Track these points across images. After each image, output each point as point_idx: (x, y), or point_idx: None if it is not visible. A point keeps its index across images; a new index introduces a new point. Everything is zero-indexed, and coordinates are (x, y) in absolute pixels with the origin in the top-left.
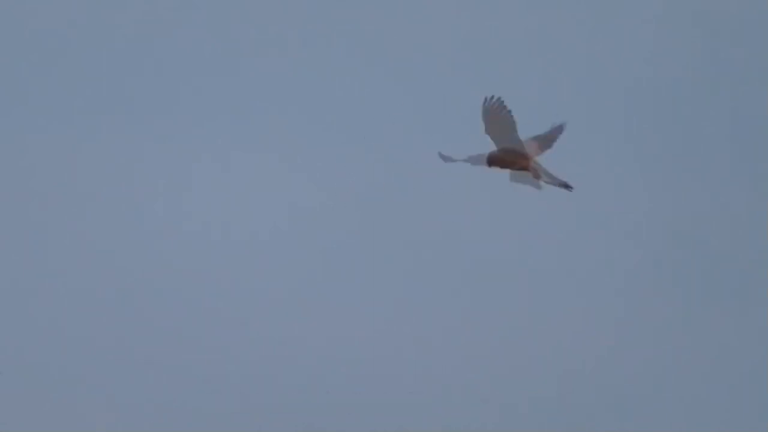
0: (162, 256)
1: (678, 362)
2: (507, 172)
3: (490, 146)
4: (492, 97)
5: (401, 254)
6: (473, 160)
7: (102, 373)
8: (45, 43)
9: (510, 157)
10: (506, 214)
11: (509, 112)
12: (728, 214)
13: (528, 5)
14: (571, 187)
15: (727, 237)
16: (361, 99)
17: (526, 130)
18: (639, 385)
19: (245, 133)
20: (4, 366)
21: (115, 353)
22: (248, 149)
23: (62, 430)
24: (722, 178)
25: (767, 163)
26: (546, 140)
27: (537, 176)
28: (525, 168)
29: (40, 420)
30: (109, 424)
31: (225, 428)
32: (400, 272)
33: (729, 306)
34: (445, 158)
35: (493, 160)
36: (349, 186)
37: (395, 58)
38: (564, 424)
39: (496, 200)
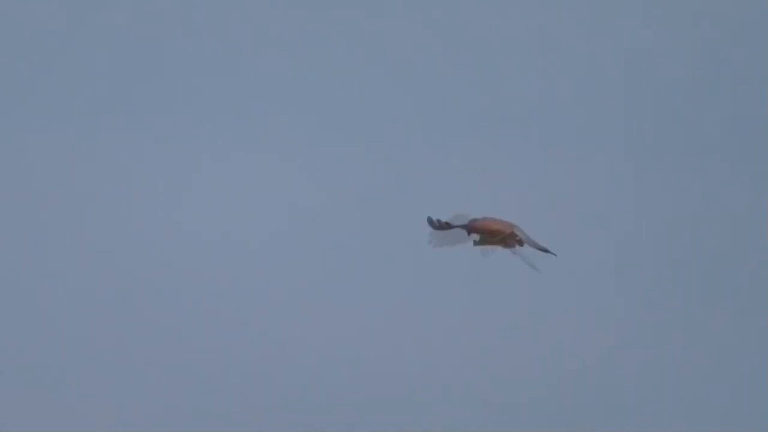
0: (162, 256)
1: (678, 362)
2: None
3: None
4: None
5: (401, 254)
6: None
7: (102, 373)
8: (45, 43)
9: (494, 228)
10: (506, 213)
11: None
12: (728, 214)
13: (528, 5)
14: (554, 253)
15: (727, 237)
16: (361, 99)
17: (526, 130)
18: (639, 385)
19: (245, 133)
20: (4, 366)
21: (115, 353)
22: (248, 149)
23: (62, 430)
24: (722, 178)
25: (767, 163)
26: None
27: (519, 244)
28: (505, 239)
29: (40, 420)
30: (109, 424)
31: (225, 428)
32: (400, 272)
33: (729, 306)
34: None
35: (475, 229)
36: (349, 186)
37: (395, 58)
38: (564, 424)
39: (495, 200)
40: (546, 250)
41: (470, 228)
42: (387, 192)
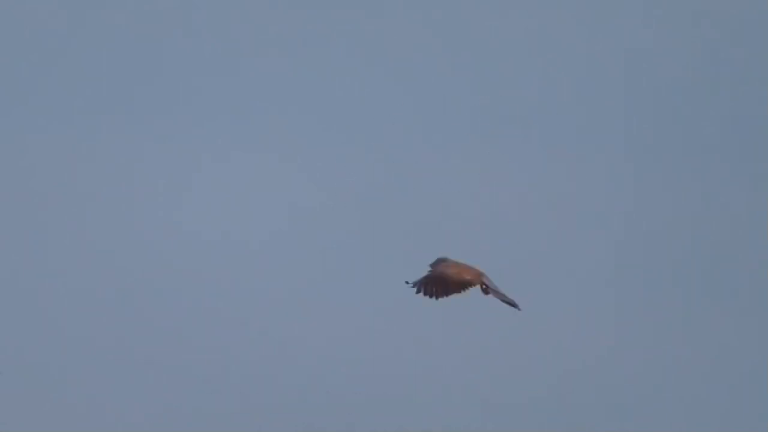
0: (162, 256)
1: (678, 362)
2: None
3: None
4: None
5: (401, 254)
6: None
7: (102, 373)
8: (45, 43)
9: (465, 278)
10: (506, 213)
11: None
12: (728, 214)
13: (528, 5)
14: (519, 307)
15: (727, 237)
16: (361, 99)
17: (526, 130)
18: (639, 385)
19: (245, 133)
20: (4, 366)
21: (115, 353)
22: (248, 149)
23: (62, 430)
24: (722, 178)
25: (767, 163)
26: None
27: (487, 292)
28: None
29: (40, 420)
30: (109, 424)
31: (225, 428)
32: (400, 272)
33: (729, 306)
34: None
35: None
36: (349, 186)
37: (395, 58)
38: (564, 424)
39: (495, 200)
40: (513, 305)
41: (438, 276)
42: (387, 192)
